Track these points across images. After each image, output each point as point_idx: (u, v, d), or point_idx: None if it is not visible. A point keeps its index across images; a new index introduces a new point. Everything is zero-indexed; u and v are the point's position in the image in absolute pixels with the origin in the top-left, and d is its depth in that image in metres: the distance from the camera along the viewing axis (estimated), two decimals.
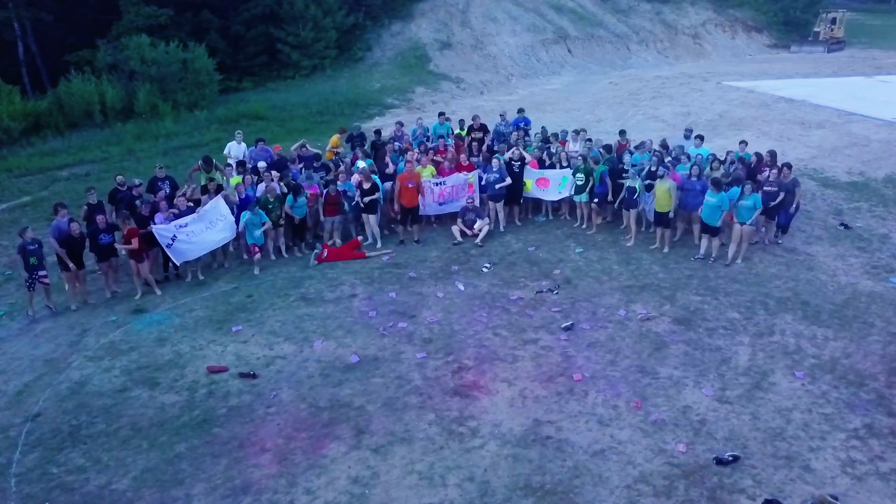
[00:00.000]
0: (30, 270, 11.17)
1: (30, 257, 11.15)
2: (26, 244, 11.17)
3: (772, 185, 12.64)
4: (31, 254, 11.16)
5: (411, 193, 13.76)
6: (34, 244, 11.26)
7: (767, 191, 12.55)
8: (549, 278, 12.48)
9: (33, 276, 11.20)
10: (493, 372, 9.74)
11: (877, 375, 9.50)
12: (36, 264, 11.21)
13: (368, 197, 13.47)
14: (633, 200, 13.43)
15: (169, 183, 14.04)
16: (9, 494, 7.67)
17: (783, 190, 12.67)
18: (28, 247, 11.15)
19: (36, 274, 11.22)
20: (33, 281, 11.23)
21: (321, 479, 7.82)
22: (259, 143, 15.23)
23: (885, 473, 7.74)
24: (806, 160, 19.11)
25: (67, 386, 9.64)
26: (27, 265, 11.14)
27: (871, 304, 11.40)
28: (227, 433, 8.60)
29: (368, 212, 13.72)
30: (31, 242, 11.24)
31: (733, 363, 9.87)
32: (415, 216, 14.05)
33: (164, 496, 7.62)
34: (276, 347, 10.47)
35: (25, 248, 11.14)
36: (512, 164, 14.29)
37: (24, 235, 11.24)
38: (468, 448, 8.28)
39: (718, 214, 12.32)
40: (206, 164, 14.11)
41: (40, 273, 11.28)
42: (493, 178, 13.95)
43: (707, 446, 8.22)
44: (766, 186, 12.58)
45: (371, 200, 13.51)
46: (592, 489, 7.59)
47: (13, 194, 18.32)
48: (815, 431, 8.43)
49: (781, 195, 12.59)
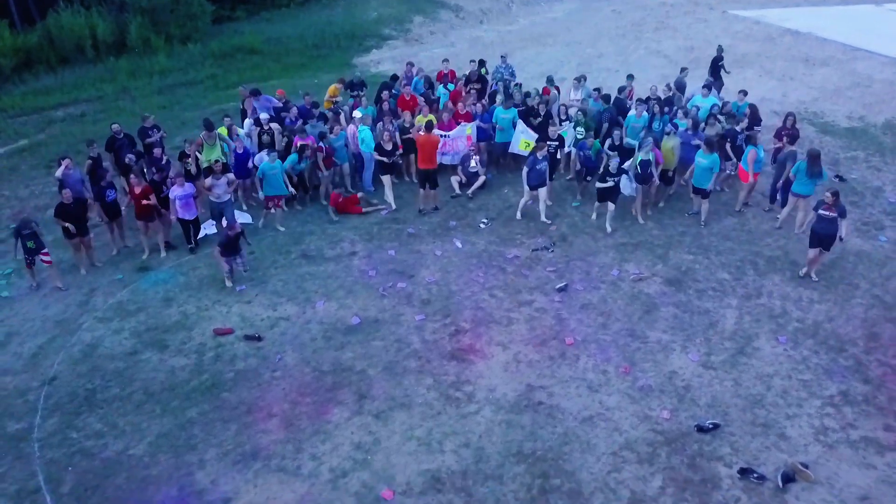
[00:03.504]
0: (29, 254, 10.98)
1: (28, 240, 10.91)
2: (22, 227, 10.90)
3: (828, 212, 10.71)
4: (27, 237, 10.89)
5: (430, 154, 13.13)
6: (30, 229, 10.92)
7: (824, 216, 10.75)
8: (544, 235, 12.71)
9: (32, 257, 11.06)
10: (489, 335, 10.14)
11: (856, 340, 9.91)
12: (34, 248, 10.99)
13: (390, 158, 13.25)
14: (647, 174, 12.69)
15: (158, 130, 14.04)
16: (33, 459, 8.18)
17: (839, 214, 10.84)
18: (24, 231, 10.86)
19: (36, 255, 11.06)
20: (33, 259, 11.10)
21: (326, 445, 8.32)
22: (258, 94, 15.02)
23: (854, 441, 8.24)
24: (807, 103, 19.00)
25: (80, 349, 10.04)
26: (25, 249, 10.94)
27: (857, 264, 11.70)
28: (236, 398, 9.06)
29: (388, 172, 13.47)
30: (27, 227, 10.92)
31: (720, 327, 10.26)
32: (433, 181, 13.38)
33: (179, 461, 8.13)
34: (279, 308, 10.83)
35: (21, 232, 10.88)
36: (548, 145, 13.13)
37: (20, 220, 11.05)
38: (464, 414, 8.76)
39: (709, 176, 12.42)
40: (208, 129, 13.02)
41: (42, 253, 11.10)
42: (542, 166, 12.58)
43: (690, 413, 8.70)
44: (822, 210, 10.74)
45: (393, 163, 13.25)
46: (580, 456, 8.10)
47: (10, 137, 18.31)
48: (793, 399, 8.89)
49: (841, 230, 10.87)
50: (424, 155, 13.10)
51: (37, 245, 10.98)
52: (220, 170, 12.05)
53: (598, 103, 14.55)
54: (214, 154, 12.80)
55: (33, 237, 10.91)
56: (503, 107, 14.09)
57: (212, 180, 11.92)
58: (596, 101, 14.60)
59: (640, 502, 7.52)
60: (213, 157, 12.68)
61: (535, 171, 12.55)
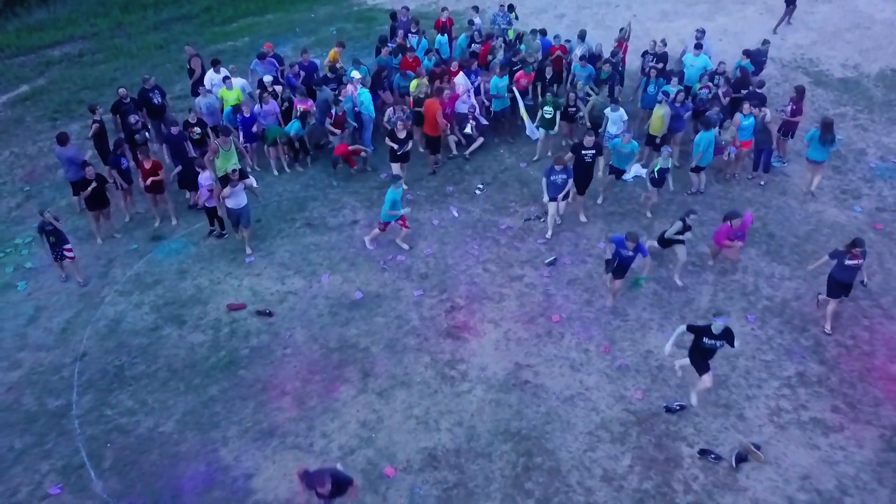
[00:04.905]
0: (53, 248, 11.21)
1: (49, 236, 11.12)
2: (44, 224, 11.03)
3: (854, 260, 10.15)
4: (49, 233, 11.09)
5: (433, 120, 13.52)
6: (50, 225, 11.03)
7: (850, 266, 10.18)
8: (537, 202, 13.31)
9: (57, 252, 11.30)
10: (482, 312, 10.99)
11: (819, 320, 10.78)
12: (55, 242, 11.18)
13: (402, 148, 13.11)
14: (663, 179, 12.36)
15: (159, 93, 14.30)
16: (75, 436, 9.21)
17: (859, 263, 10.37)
18: (46, 227, 11.03)
19: (60, 249, 11.28)
20: (59, 254, 11.32)
21: (335, 423, 9.34)
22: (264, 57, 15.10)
23: (804, 422, 9.28)
24: (804, 47, 19.01)
25: (105, 324, 10.90)
26: (49, 245, 11.21)
27: (831, 237, 12.39)
28: (252, 375, 10.02)
29: (402, 161, 13.36)
30: (48, 224, 11.03)
31: (695, 304, 11.11)
32: (435, 146, 13.95)
33: (205, 438, 9.17)
34: (287, 282, 11.62)
35: (44, 229, 11.06)
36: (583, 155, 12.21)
37: (43, 216, 11.05)
38: (458, 392, 9.75)
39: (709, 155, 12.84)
40: (225, 134, 12.35)
41: (65, 248, 11.30)
42: (560, 179, 11.84)
43: (661, 393, 9.70)
44: (848, 260, 10.13)
45: (404, 152, 13.20)
46: (560, 435, 9.15)
47: (9, 81, 18.43)
48: (754, 379, 9.87)
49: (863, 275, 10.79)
50: (430, 121, 13.62)
51: (58, 239, 11.19)
52: (238, 178, 11.57)
53: (586, 69, 14.63)
54: (231, 162, 12.22)
55: (54, 233, 11.10)
56: (498, 75, 14.25)
57: (229, 189, 11.49)
58: (584, 68, 14.64)
59: (610, 480, 8.61)
60: (230, 165, 12.08)
61: (552, 183, 11.88)
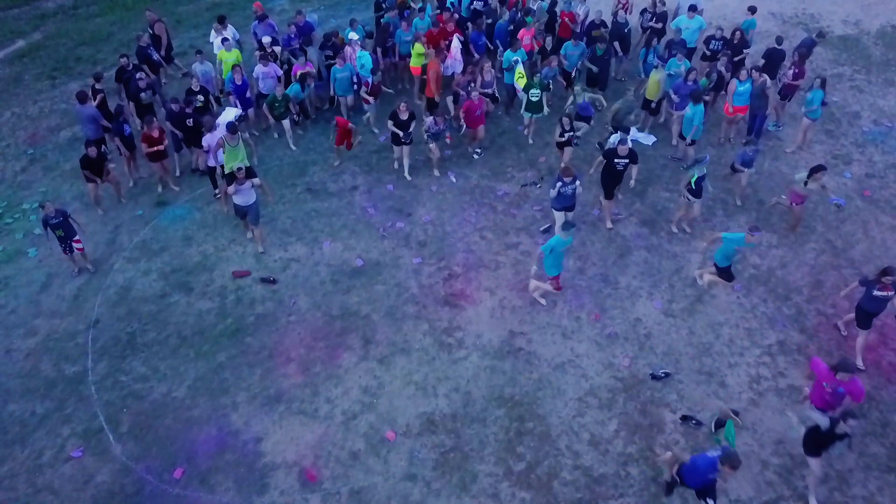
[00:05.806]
0: (60, 241, 11.04)
1: (55, 230, 10.91)
2: (48, 218, 10.78)
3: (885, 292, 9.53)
4: (55, 227, 10.87)
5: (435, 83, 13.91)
6: (57, 217, 10.80)
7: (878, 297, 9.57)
8: (534, 168, 13.56)
9: (66, 245, 11.14)
10: (478, 280, 11.40)
11: (801, 288, 11.21)
12: (63, 235, 10.98)
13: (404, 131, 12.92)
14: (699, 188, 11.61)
15: (154, 49, 14.42)
16: (93, 402, 9.75)
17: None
18: (51, 220, 10.79)
19: (69, 242, 11.12)
20: (68, 247, 11.17)
21: (338, 389, 9.87)
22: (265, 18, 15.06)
23: (781, 389, 9.81)
24: (806, 3, 18.87)
25: (115, 291, 11.32)
26: (58, 238, 11.01)
27: (818, 205, 12.70)
28: (258, 343, 10.50)
29: (405, 143, 13.17)
30: (55, 216, 10.79)
31: (684, 273, 11.51)
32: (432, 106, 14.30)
33: (215, 404, 9.71)
34: (290, 248, 11.98)
35: (48, 222, 10.83)
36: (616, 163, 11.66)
37: (45, 209, 10.77)
38: (455, 359, 10.25)
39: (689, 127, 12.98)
40: (231, 132, 11.84)
41: (73, 240, 11.14)
42: (570, 190, 11.28)
43: (647, 361, 10.20)
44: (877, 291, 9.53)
45: (408, 134, 12.99)
46: (551, 401, 9.69)
47: (4, 35, 18.34)
48: (737, 347, 10.36)
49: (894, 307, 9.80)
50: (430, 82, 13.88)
51: (66, 233, 10.97)
52: (244, 176, 11.21)
53: (578, 46, 14.51)
54: (238, 159, 11.81)
55: (61, 226, 10.87)
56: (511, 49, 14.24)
57: (235, 187, 11.23)
58: (576, 46, 14.50)
59: (597, 444, 9.19)
60: (237, 162, 11.73)
61: (561, 195, 11.32)
